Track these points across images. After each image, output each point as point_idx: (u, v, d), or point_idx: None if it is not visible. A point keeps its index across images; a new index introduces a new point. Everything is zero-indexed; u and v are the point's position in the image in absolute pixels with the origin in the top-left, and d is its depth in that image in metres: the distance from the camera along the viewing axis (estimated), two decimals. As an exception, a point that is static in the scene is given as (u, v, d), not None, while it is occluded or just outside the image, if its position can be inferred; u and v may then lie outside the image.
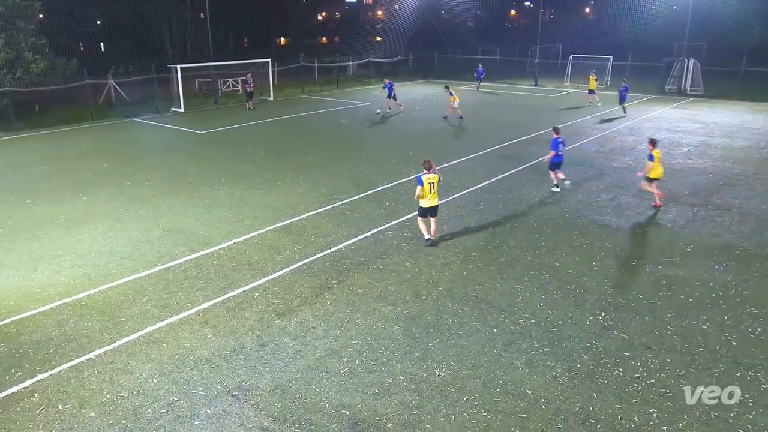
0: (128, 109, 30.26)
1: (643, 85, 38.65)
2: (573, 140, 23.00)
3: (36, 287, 10.59)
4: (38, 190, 16.53)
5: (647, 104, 33.17)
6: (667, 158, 20.10)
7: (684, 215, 14.42)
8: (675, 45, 41.46)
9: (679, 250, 12.32)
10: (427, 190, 11.88)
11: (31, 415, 7.23)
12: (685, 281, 10.86)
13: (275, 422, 7.10)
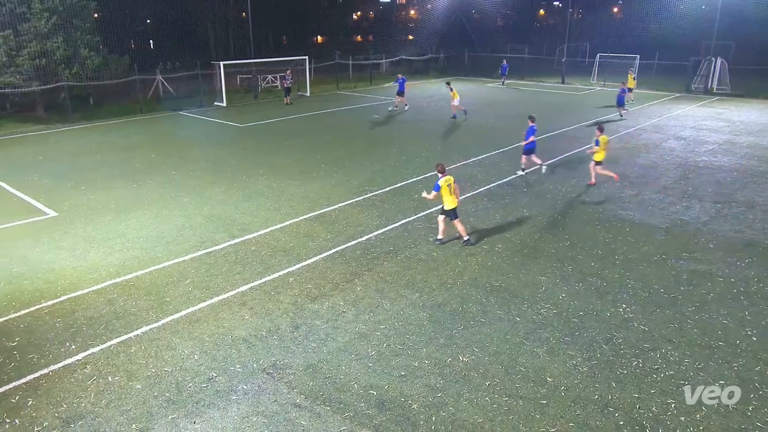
0: (174, 103, 30.75)
1: (669, 83, 37.62)
2: (598, 137, 22.58)
3: (89, 267, 10.90)
4: (92, 177, 16.96)
5: (673, 102, 32.25)
6: (693, 156, 19.57)
7: (707, 212, 14.03)
8: (702, 44, 40.11)
9: (702, 245, 12.01)
10: (447, 192, 11.54)
11: (83, 385, 7.48)
12: (706, 276, 10.59)
13: (307, 400, 7.19)
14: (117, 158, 19.33)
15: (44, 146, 21.35)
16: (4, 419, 6.83)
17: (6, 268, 10.85)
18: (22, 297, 9.72)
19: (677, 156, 19.58)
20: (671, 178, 16.89)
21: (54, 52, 25.56)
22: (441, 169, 11.75)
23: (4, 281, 10.30)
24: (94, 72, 27.38)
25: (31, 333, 8.64)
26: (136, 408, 7.03)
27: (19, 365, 7.86)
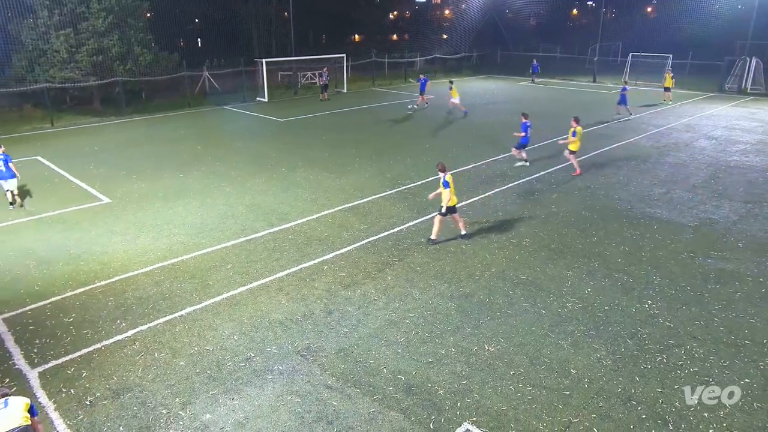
0: (219, 98, 31.22)
1: (702, 83, 36.32)
2: (628, 135, 21.99)
3: (139, 251, 11.21)
4: (143, 167, 17.40)
5: (705, 102, 31.14)
6: (724, 155, 18.88)
7: (737, 211, 13.53)
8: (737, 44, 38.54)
9: (731, 245, 11.60)
10: (453, 189, 11.19)
11: (132, 360, 7.72)
12: (734, 275, 10.23)
13: (338, 382, 7.26)
14: (165, 149, 19.78)
15: (100, 137, 22.00)
16: (60, 389, 7.12)
17: (65, 249, 11.27)
18: (78, 277, 10.08)
19: (708, 155, 18.93)
20: (701, 177, 16.34)
21: (110, 49, 26.26)
22: (442, 167, 11.43)
23: (63, 261, 10.69)
24: (146, 68, 28.02)
25: (86, 310, 8.96)
26: (179, 383, 7.23)
27: (74, 339, 8.17)
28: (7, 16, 25.86)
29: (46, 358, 7.74)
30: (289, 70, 37.44)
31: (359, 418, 6.60)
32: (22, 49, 25.71)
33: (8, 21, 25.84)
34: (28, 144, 20.62)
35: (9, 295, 9.44)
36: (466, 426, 6.48)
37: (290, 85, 35.97)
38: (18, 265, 10.53)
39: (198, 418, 6.60)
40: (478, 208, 13.71)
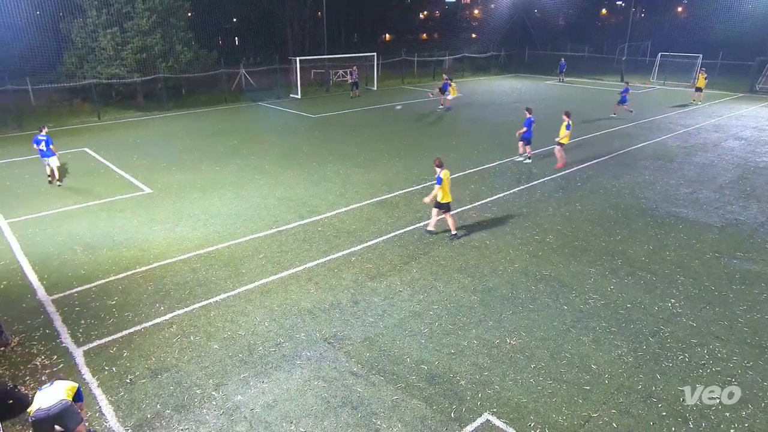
0: (255, 95, 31.54)
1: (732, 83, 35.09)
2: (655, 135, 21.43)
3: (177, 239, 11.45)
4: (182, 159, 17.74)
5: (735, 102, 30.09)
6: (753, 156, 18.24)
7: (765, 212, 13.07)
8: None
9: (758, 246, 11.22)
10: (447, 185, 11.06)
11: (170, 342, 7.91)
12: (760, 277, 9.90)
13: (363, 369, 7.31)
14: (204, 143, 20.11)
15: (142, 131, 22.49)
16: (103, 367, 7.35)
17: (109, 236, 11.59)
18: (120, 262, 10.36)
19: (736, 156, 18.30)
20: (729, 178, 15.82)
21: (153, 47, 26.78)
22: (439, 163, 11.18)
23: (107, 247, 11.00)
24: (187, 65, 28.47)
25: (128, 294, 9.21)
26: (213, 365, 7.38)
27: (116, 321, 8.41)
28: (59, 16, 26.62)
29: (91, 337, 8.00)
30: (321, 68, 37.58)
31: (382, 405, 6.63)
32: (72, 47, 26.43)
33: (60, 20, 26.60)
34: (77, 136, 21.23)
35: (57, 277, 9.77)
36: (487, 416, 6.45)
37: (322, 83, 36.11)
38: (66, 250, 10.88)
39: (230, 399, 6.73)
40: (503, 204, 13.56)
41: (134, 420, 6.41)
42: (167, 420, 6.40)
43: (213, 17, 36.90)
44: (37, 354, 7.61)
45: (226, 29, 49.71)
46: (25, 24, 25.53)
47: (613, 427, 6.28)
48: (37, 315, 8.58)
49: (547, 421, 6.38)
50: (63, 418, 5.48)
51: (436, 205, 11.30)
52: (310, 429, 6.25)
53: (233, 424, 6.33)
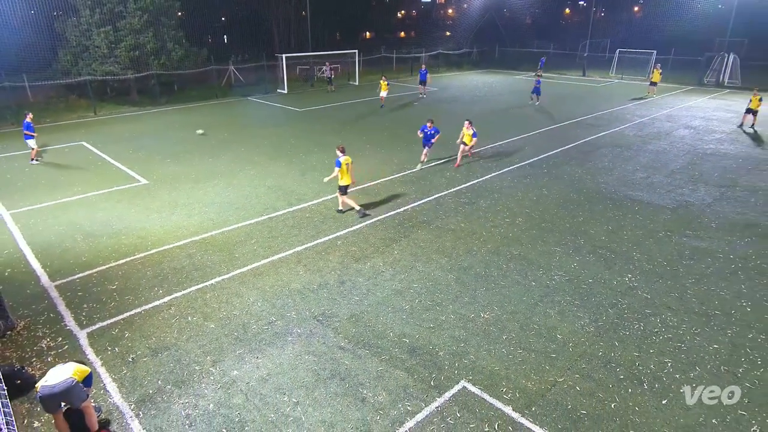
0: (244, 90, 31.03)
1: (683, 77, 35.59)
2: (614, 125, 21.68)
3: (173, 227, 11.29)
4: (176, 151, 17.42)
5: (686, 94, 30.56)
6: (701, 143, 18.60)
7: (712, 195, 13.38)
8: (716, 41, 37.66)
9: (705, 225, 11.50)
10: (345, 170, 11.40)
11: (168, 323, 7.84)
12: (707, 252, 10.17)
13: (350, 343, 7.35)
14: (195, 136, 19.74)
15: (137, 125, 22.00)
16: (106, 347, 7.26)
17: (108, 224, 11.37)
18: (120, 249, 10.19)
19: (686, 143, 18.64)
20: (679, 164, 16.13)
21: (145, 45, 26.10)
22: (342, 149, 11.51)
23: (107, 236, 10.81)
24: (178, 62, 27.86)
25: (128, 279, 9.08)
26: (210, 343, 7.34)
27: (118, 304, 8.30)
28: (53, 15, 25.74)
29: (93, 320, 7.89)
30: (306, 64, 37.07)
31: (368, 376, 6.68)
32: (67, 45, 25.62)
33: (54, 19, 25.73)
34: (75, 131, 20.67)
35: (60, 264, 9.58)
36: (463, 383, 6.55)
37: (307, 79, 35.66)
38: (67, 239, 10.66)
39: (227, 374, 6.72)
40: (477, 190, 13.64)
41: (137, 396, 6.36)
42: (168, 395, 6.37)
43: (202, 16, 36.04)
44: (43, 337, 7.48)
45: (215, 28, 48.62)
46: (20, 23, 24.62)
47: (577, 390, 6.44)
48: (41, 300, 8.42)
49: (518, 387, 6.50)
50: (67, 396, 5.42)
51: (339, 188, 11.71)
52: (302, 399, 6.29)
53: (230, 397, 6.32)
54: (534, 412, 6.10)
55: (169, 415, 6.07)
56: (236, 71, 33.48)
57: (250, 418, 6.01)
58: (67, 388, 5.38)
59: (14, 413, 5.85)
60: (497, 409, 6.14)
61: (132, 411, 6.13)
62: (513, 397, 6.32)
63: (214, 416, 6.03)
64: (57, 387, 5.32)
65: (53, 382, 5.35)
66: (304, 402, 6.24)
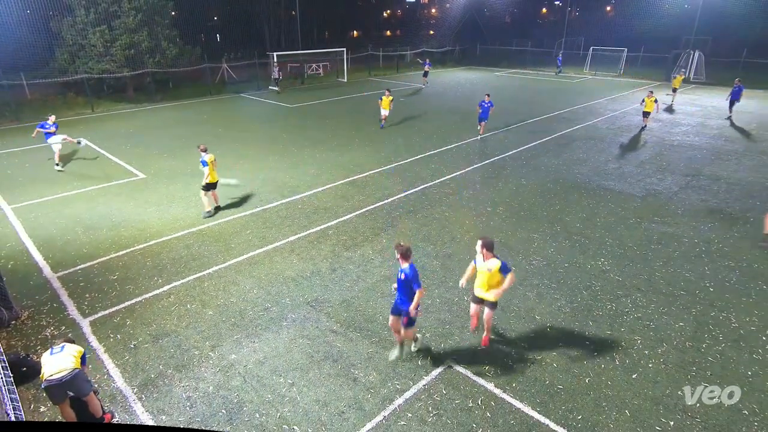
0: (237, 87, 30.63)
1: (651, 73, 35.93)
2: (588, 119, 21.84)
3: (171, 219, 11.17)
4: (172, 146, 17.18)
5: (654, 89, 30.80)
6: (668, 135, 18.83)
7: (678, 183, 13.58)
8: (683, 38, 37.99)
9: (671, 211, 11.68)
10: (212, 168, 10.90)
11: (168, 310, 7.79)
12: (673, 237, 10.34)
13: (341, 327, 7.37)
14: (191, 131, 19.50)
15: (134, 121, 21.63)
16: (108, 335, 7.20)
17: (108, 217, 11.21)
18: (120, 241, 10.06)
19: (655, 135, 18.85)
20: (648, 154, 16.32)
21: (140, 44, 25.57)
22: (204, 148, 10.94)
23: (107, 228, 10.66)
24: (173, 60, 27.35)
25: (128, 269, 8.98)
26: (208, 329, 7.31)
27: (119, 293, 8.21)
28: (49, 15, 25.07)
29: (96, 309, 7.80)
30: (296, 62, 36.64)
31: (359, 357, 6.72)
32: (64, 44, 25.00)
33: (50, 19, 25.05)
34: (73, 127, 20.22)
35: (62, 256, 9.44)
36: (448, 363, 6.62)
37: (298, 75, 35.27)
38: (69, 231, 10.49)
39: (225, 358, 6.70)
40: (460, 181, 13.68)
41: (139, 380, 6.33)
42: (169, 379, 6.35)
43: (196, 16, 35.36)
44: (47, 326, 7.39)
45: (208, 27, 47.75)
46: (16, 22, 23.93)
47: (554, 367, 6.54)
48: (44, 291, 8.30)
49: (499, 365, 6.59)
50: (75, 386, 5.37)
51: (204, 186, 11.03)
52: (297, 380, 6.30)
53: (229, 380, 6.32)
54: (514, 388, 6.19)
55: (170, 397, 6.05)
56: (229, 69, 32.98)
57: (248, 398, 6.01)
58: (75, 377, 5.33)
59: (21, 399, 5.78)
60: (480, 386, 6.22)
61: (135, 395, 6.10)
62: (495, 375, 6.40)
63: (213, 398, 6.03)
64: (65, 378, 5.25)
65: (60, 374, 5.25)
66: (299, 383, 6.26)
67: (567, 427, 5.61)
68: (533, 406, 5.90)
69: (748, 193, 12.82)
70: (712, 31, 39.72)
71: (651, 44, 39.59)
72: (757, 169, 14.87)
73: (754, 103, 25.76)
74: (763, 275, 8.84)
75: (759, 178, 14.03)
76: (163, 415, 5.80)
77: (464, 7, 51.77)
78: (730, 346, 6.95)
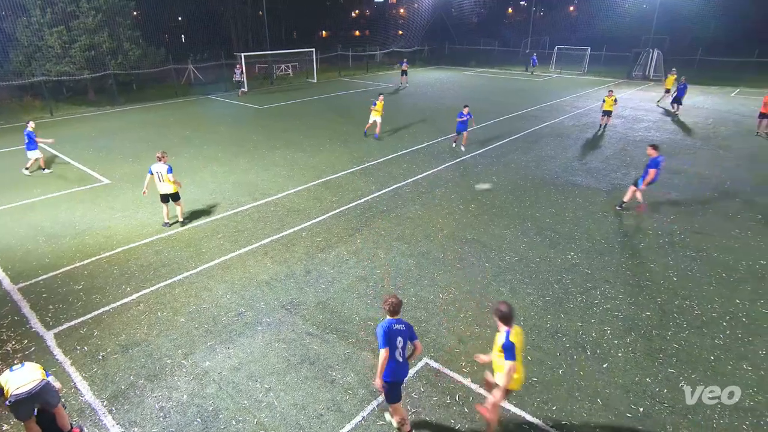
0: (204, 89, 29.99)
1: (614, 71, 37.07)
2: (554, 116, 22.36)
3: (139, 225, 10.86)
4: (137, 150, 16.69)
5: (616, 87, 31.79)
6: (631, 131, 19.45)
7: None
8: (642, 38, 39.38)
9: (635, 205, 12.06)
10: (156, 178, 10.18)
11: (138, 319, 7.56)
12: (638, 230, 10.70)
13: (318, 329, 7.32)
14: (157, 135, 19.00)
15: (96, 125, 20.90)
16: (74, 347, 6.94)
17: (71, 225, 10.81)
18: (84, 249, 9.71)
19: (618, 132, 19.46)
20: (613, 150, 16.83)
21: (101, 45, 24.74)
22: (159, 155, 10.26)
23: (70, 236, 10.27)
24: (136, 62, 26.56)
25: (94, 278, 8.68)
26: (181, 337, 7.14)
27: (85, 304, 7.93)
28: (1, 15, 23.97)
29: (60, 320, 7.51)
30: (265, 63, 36.18)
31: (337, 359, 6.69)
32: (18, 45, 23.94)
33: (3, 19, 23.96)
34: (30, 132, 19.39)
35: (22, 267, 9.04)
36: (426, 361, 6.66)
37: (267, 76, 34.83)
38: (29, 241, 10.06)
39: (199, 366, 6.56)
40: (432, 180, 13.79)
41: (109, 392, 6.13)
42: (141, 389, 6.17)
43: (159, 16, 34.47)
44: (8, 340, 7.06)
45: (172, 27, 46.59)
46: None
47: (528, 360, 6.67)
48: (4, 304, 7.93)
49: (475, 361, 6.66)
50: (43, 397, 5.15)
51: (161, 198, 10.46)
52: (274, 385, 6.23)
53: (203, 387, 6.19)
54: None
55: (142, 408, 5.88)
56: (195, 70, 32.29)
57: (223, 405, 5.90)
58: (44, 389, 5.11)
59: (-19, 418, 5.51)
60: (457, 382, 6.28)
61: (105, 407, 5.90)
62: (471, 370, 6.48)
63: (188, 407, 5.89)
64: (34, 390, 5.03)
65: (26, 385, 5.03)
66: (276, 387, 6.19)
67: (542, 419, 5.73)
68: (509, 399, 5.99)
69: (706, 186, 13.38)
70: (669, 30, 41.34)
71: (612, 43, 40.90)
72: (713, 162, 15.53)
73: (710, 100, 26.89)
74: (722, 264, 9.25)
75: (715, 171, 14.66)
76: (136, 427, 5.63)
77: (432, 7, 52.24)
78: (694, 333, 7.24)
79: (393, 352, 4.98)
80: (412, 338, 5.18)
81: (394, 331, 5.00)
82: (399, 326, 5.05)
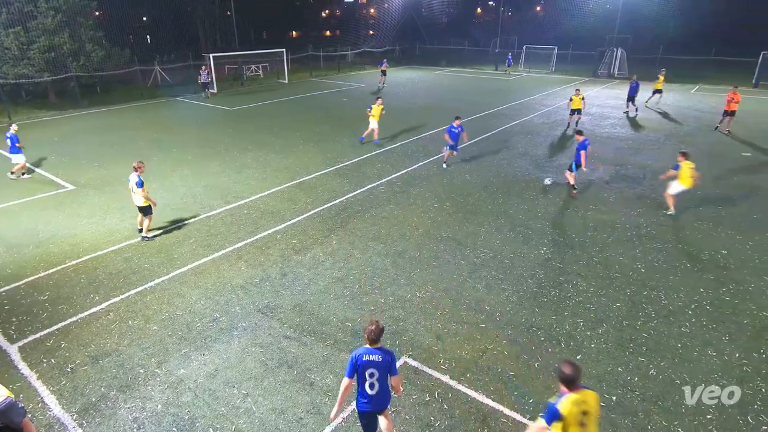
0: (171, 90, 29.32)
1: (580, 70, 37.99)
2: (524, 114, 22.76)
3: (106, 231, 10.54)
4: (103, 155, 16.19)
5: (583, 85, 32.63)
6: (598, 128, 19.98)
7: (609, 173, 14.46)
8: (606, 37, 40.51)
9: (604, 199, 12.42)
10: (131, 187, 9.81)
11: (108, 328, 7.34)
12: (607, 224, 10.99)
13: (295, 332, 7.25)
14: (124, 138, 18.46)
15: (59, 129, 20.17)
16: (41, 360, 6.68)
17: (34, 233, 10.40)
18: (49, 258, 9.36)
19: (586, 128, 19.90)
20: (581, 147, 17.21)
21: (61, 47, 23.87)
22: (137, 165, 9.92)
23: (33, 245, 9.88)
24: (99, 63, 25.73)
25: (60, 288, 8.37)
26: (154, 345, 6.96)
27: (50, 315, 7.64)
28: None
29: (25, 333, 7.21)
30: (234, 63, 35.60)
31: (315, 361, 6.65)
32: (-29, 47, 22.90)
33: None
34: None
35: (-19, 279, 8.65)
36: (405, 359, 6.69)
37: (237, 77, 34.29)
38: (-12, 251, 9.63)
39: (173, 374, 6.41)
40: (406, 179, 13.84)
41: (79, 405, 5.92)
42: (113, 401, 5.99)
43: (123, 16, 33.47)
44: (-32, 355, 6.75)
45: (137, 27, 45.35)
46: None
47: (505, 355, 6.78)
48: (-37, 318, 7.57)
49: (453, 357, 6.74)
50: (8, 416, 4.92)
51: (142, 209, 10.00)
52: (252, 390, 6.14)
53: (178, 396, 6.05)
54: (469, 378, 6.36)
55: (115, 420, 5.71)
56: (162, 71, 31.51)
57: (200, 414, 5.79)
58: (9, 406, 4.89)
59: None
60: (436, 379, 6.33)
61: (75, 421, 5.70)
62: (450, 367, 6.54)
63: (163, 416, 5.75)
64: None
65: None
66: (253, 392, 6.10)
67: (520, 412, 5.83)
68: (487, 394, 6.08)
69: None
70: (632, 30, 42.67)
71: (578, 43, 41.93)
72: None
73: (672, 96, 27.86)
74: (686, 255, 9.60)
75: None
76: (108, 439, 5.46)
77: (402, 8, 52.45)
78: (662, 322, 7.50)
79: (362, 384, 4.64)
80: (390, 372, 4.64)
81: (364, 361, 4.56)
82: (374, 357, 4.57)
